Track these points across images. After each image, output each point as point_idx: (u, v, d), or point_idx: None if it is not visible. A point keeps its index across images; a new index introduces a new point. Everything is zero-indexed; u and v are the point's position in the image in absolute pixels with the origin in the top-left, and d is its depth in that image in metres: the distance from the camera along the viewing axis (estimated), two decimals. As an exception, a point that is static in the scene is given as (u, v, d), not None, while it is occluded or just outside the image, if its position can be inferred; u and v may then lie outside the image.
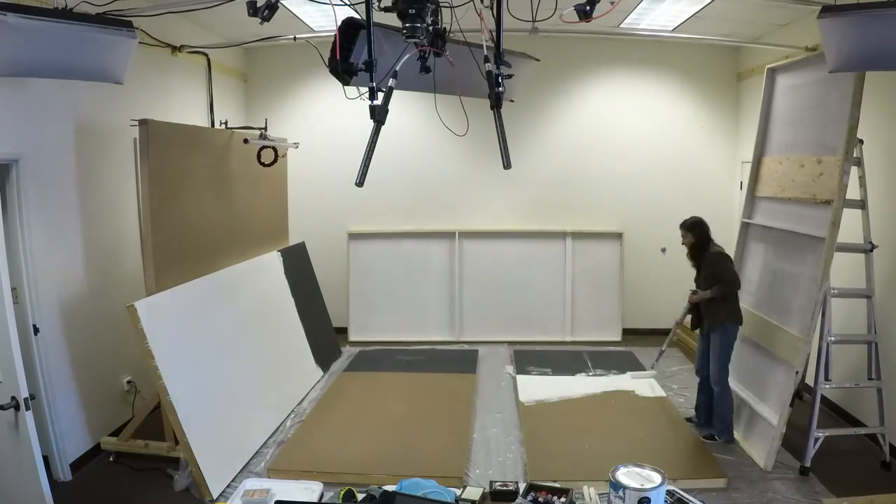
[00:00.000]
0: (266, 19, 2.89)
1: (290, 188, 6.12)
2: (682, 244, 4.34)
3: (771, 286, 4.34)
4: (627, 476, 1.75)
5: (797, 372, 3.78)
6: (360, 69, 2.50)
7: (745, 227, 4.78)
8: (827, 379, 3.86)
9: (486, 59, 2.39)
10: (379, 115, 2.38)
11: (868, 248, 3.89)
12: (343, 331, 6.64)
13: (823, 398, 3.95)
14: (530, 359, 5.96)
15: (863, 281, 3.93)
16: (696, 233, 4.25)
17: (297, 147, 5.92)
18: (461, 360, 6.00)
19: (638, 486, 1.69)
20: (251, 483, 3.22)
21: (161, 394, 3.49)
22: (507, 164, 2.34)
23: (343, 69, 2.65)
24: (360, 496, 2.26)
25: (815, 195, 3.90)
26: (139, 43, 3.32)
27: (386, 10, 2.51)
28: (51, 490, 2.89)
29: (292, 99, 6.74)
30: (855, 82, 3.56)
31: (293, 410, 4.78)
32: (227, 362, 4.20)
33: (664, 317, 4.47)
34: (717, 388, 4.15)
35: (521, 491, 2.38)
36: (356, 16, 2.82)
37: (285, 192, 6.05)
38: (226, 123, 5.20)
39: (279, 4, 2.91)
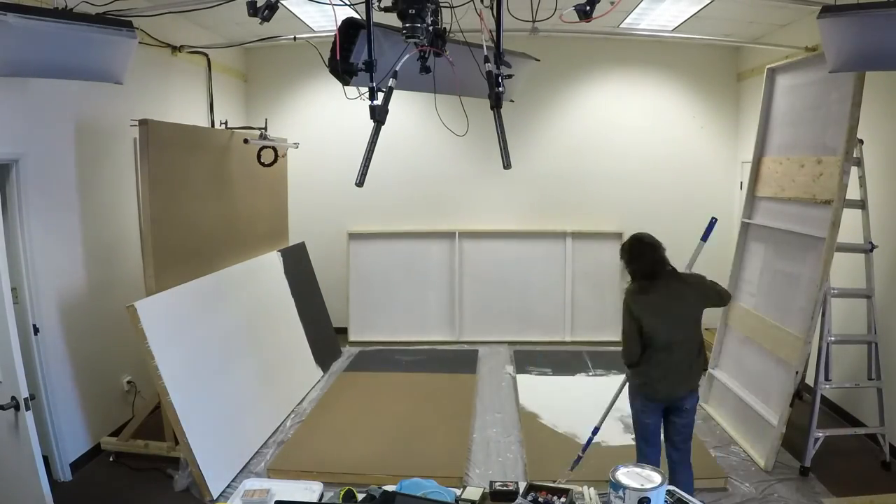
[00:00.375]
0: (266, 19, 2.88)
1: (290, 188, 6.11)
2: None
3: (771, 286, 4.33)
4: (627, 476, 1.74)
5: (797, 372, 3.77)
6: (360, 69, 2.49)
7: (745, 227, 4.78)
8: (827, 379, 3.85)
9: (486, 59, 2.39)
10: (379, 115, 2.37)
11: (868, 248, 3.89)
12: (343, 331, 6.63)
13: (823, 398, 3.94)
14: (530, 359, 5.96)
15: (863, 281, 3.93)
16: (623, 259, 3.07)
17: (297, 147, 5.92)
18: (461, 360, 6.00)
19: (638, 486, 1.69)
20: (251, 483, 3.21)
21: (161, 394, 3.49)
22: (507, 165, 2.33)
23: (343, 69, 2.64)
24: (360, 496, 2.25)
25: (815, 195, 3.90)
26: (139, 43, 3.32)
27: (386, 10, 2.51)
28: (51, 490, 2.88)
29: (292, 99, 6.73)
30: (855, 82, 3.56)
31: (293, 410, 4.78)
32: (228, 362, 4.20)
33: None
34: None
35: (521, 491, 2.37)
36: (356, 16, 2.82)
37: (285, 192, 6.05)
38: (226, 123, 5.20)
39: (279, 4, 2.90)
